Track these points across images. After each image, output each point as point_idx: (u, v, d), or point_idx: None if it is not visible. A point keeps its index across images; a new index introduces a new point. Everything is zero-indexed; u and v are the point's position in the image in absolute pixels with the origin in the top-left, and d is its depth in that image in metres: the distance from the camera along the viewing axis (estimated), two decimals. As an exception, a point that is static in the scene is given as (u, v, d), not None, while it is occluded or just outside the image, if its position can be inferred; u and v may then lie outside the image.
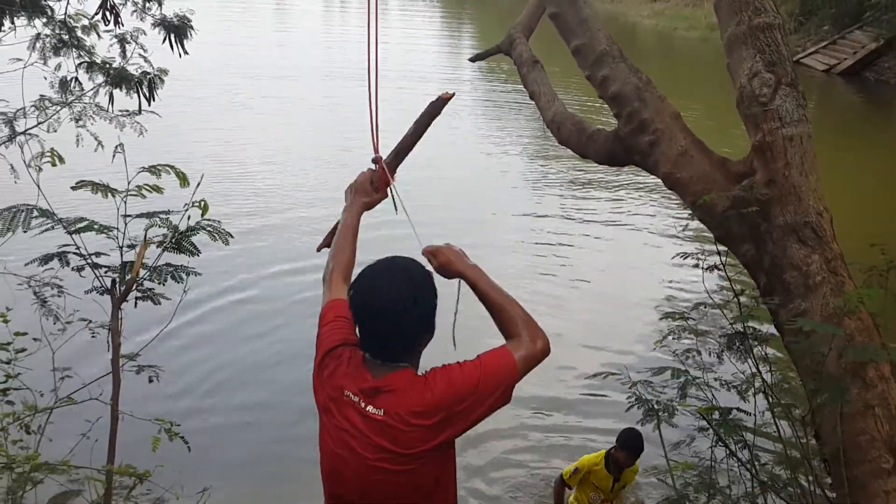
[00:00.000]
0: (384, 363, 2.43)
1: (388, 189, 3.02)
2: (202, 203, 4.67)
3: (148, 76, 7.03)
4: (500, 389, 2.40)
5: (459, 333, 2.79)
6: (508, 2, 42.47)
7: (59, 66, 6.90)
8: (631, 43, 32.38)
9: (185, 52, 7.34)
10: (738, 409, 4.70)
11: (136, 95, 7.02)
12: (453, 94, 3.10)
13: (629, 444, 5.54)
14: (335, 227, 3.01)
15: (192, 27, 7.35)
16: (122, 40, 7.13)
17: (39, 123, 6.18)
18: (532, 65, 6.60)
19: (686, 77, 27.37)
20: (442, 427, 2.35)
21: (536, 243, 12.09)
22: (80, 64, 6.96)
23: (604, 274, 11.15)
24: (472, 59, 8.59)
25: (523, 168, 16.25)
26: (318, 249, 3.12)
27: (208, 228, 4.70)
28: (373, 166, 3.03)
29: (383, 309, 2.39)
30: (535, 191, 14.64)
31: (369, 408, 2.37)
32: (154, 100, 7.11)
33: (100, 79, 6.94)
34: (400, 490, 2.41)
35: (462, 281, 2.69)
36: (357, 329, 2.51)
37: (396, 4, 47.99)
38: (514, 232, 12.49)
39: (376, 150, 3.03)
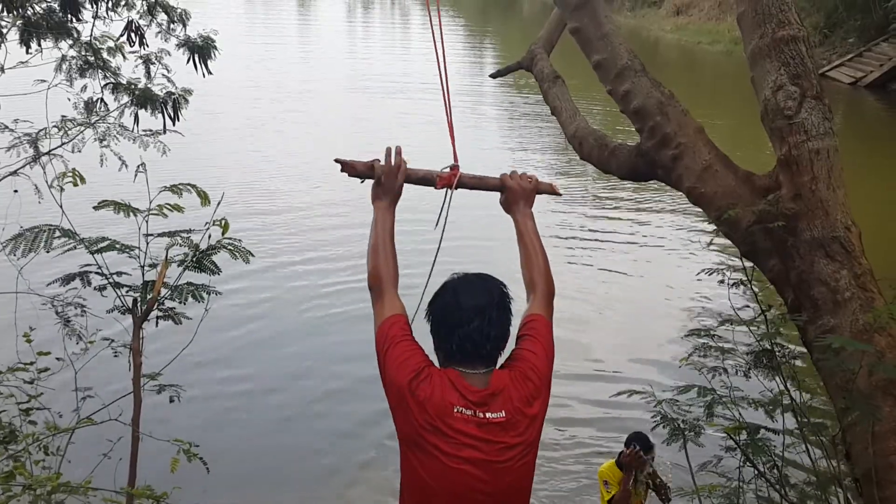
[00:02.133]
0: (477, 371, 2.48)
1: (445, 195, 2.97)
2: (223, 221, 4.67)
3: (172, 96, 7.08)
4: (553, 349, 2.65)
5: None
6: (530, 15, 42.62)
7: (84, 88, 6.96)
8: (653, 57, 32.29)
9: (209, 73, 7.38)
10: (766, 429, 4.62)
11: (160, 115, 7.07)
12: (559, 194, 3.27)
13: (628, 439, 5.65)
14: (356, 166, 2.90)
15: (215, 47, 7.40)
16: (146, 61, 7.19)
17: (63, 144, 6.22)
18: (553, 80, 6.57)
19: (709, 91, 27.26)
20: (542, 407, 2.53)
21: (558, 261, 12.01)
22: (105, 85, 7.02)
23: (629, 290, 11.07)
24: (494, 76, 8.58)
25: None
26: (338, 162, 2.89)
27: (229, 247, 4.70)
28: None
29: (485, 306, 2.51)
30: (557, 206, 14.57)
31: (489, 415, 2.42)
32: (179, 120, 7.15)
33: (125, 99, 6.99)
34: (525, 483, 2.55)
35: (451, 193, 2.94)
36: (437, 339, 2.56)
37: (418, 20, 48.29)
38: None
39: (455, 158, 3.06)
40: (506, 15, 53.95)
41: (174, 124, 7.14)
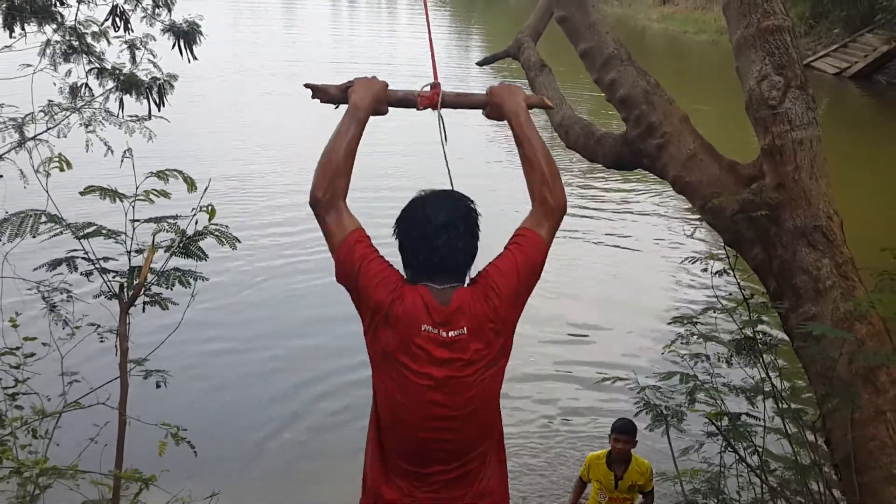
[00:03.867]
0: (445, 286, 2.52)
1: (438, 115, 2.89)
2: (209, 208, 4.67)
3: (158, 82, 7.04)
4: (538, 268, 2.65)
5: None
6: (517, 3, 42.57)
7: (69, 73, 6.91)
8: (639, 46, 32.31)
9: (195, 58, 7.35)
10: (748, 415, 4.68)
11: (145, 101, 7.03)
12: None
13: (613, 426, 5.49)
14: (328, 90, 2.84)
15: (200, 33, 7.36)
16: (131, 46, 7.15)
17: (49, 129, 6.19)
18: (540, 68, 6.59)
19: (695, 80, 27.31)
20: (504, 325, 2.55)
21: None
22: (90, 70, 6.98)
23: (611, 278, 11.12)
24: (480, 63, 8.60)
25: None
26: (309, 88, 2.89)
27: (216, 233, 4.70)
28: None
29: (453, 220, 2.55)
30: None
31: (451, 333, 2.46)
32: (164, 105, 7.12)
33: (110, 84, 6.95)
34: (487, 400, 2.58)
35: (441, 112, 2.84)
36: (407, 255, 2.59)
37: (405, 4, 48.18)
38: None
39: (435, 77, 2.92)
40: (493, 3, 53.81)
41: (159, 110, 7.10)
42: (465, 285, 2.57)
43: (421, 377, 2.47)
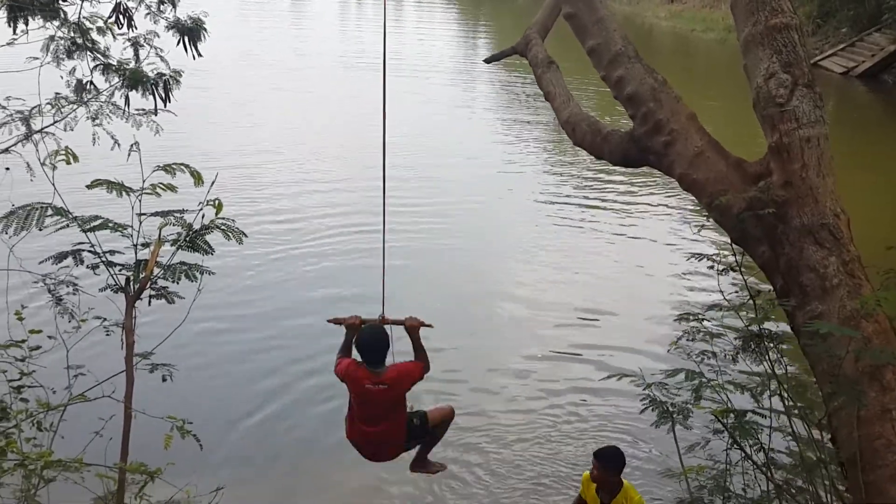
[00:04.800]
0: (377, 367, 4.87)
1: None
2: (216, 202, 4.67)
3: (163, 77, 7.02)
4: (415, 378, 4.99)
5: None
6: (524, 0, 42.58)
7: (73, 70, 6.90)
8: (647, 44, 32.29)
9: (199, 55, 7.33)
10: (754, 412, 4.66)
11: (151, 97, 7.01)
12: (431, 326, 5.18)
13: (596, 453, 5.25)
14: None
15: (205, 29, 7.33)
16: (135, 44, 7.12)
17: (56, 122, 6.18)
18: (547, 65, 6.58)
19: (702, 78, 27.28)
20: (404, 387, 4.98)
21: (549, 247, 12.04)
22: (95, 66, 6.96)
23: (618, 276, 11.10)
24: (487, 61, 8.59)
25: (535, 171, 16.18)
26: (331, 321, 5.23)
27: (222, 227, 4.71)
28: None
29: (381, 343, 4.86)
30: (548, 193, 14.59)
31: (380, 386, 4.85)
32: (170, 101, 7.10)
33: (115, 80, 6.93)
34: (398, 427, 5.08)
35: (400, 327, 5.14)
36: (361, 356, 4.93)
37: (411, 2, 48.23)
38: (525, 234, 12.46)
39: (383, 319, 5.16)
40: (501, 1, 53.79)
41: (165, 106, 7.09)
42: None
43: (363, 399, 4.95)
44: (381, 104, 5.02)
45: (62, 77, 6.77)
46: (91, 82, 6.92)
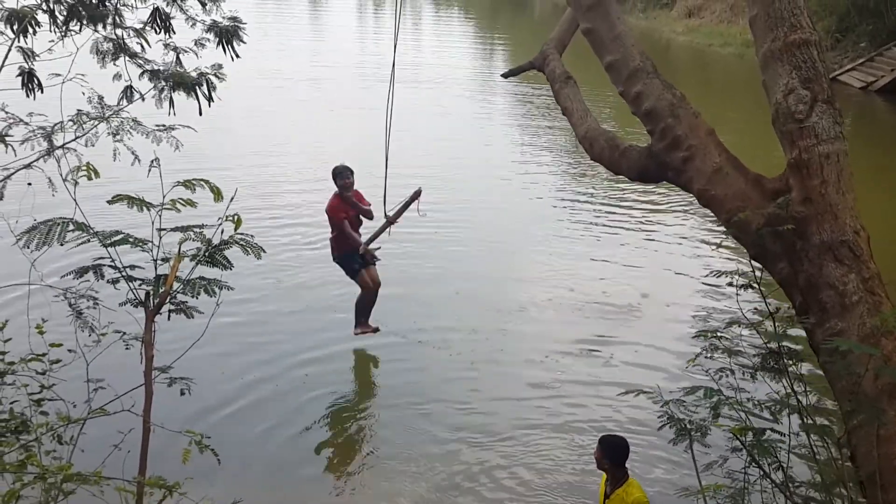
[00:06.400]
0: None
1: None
2: (235, 217, 4.70)
3: (205, 76, 7.03)
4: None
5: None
6: (542, 16, 42.64)
7: (118, 76, 6.96)
8: (665, 59, 32.21)
9: (237, 56, 7.36)
10: (772, 430, 4.63)
11: (195, 98, 7.03)
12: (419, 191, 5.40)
13: (601, 438, 5.42)
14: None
15: (244, 29, 7.35)
16: (175, 49, 7.17)
17: (77, 138, 6.24)
18: (565, 80, 6.59)
19: (721, 94, 27.19)
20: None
21: (566, 262, 12.01)
22: (143, 73, 7.02)
23: (636, 291, 11.05)
24: (505, 75, 8.62)
25: (554, 184, 16.19)
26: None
27: (241, 242, 4.73)
28: None
29: None
30: (566, 207, 14.57)
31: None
32: (213, 101, 7.12)
33: (160, 84, 6.97)
34: None
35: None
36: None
37: (430, 14, 48.50)
38: (541, 248, 12.44)
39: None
40: (517, 15, 53.91)
41: (209, 105, 7.10)
42: None
43: None
44: (392, 117, 5.03)
45: (83, 93, 6.83)
46: (130, 87, 6.96)
